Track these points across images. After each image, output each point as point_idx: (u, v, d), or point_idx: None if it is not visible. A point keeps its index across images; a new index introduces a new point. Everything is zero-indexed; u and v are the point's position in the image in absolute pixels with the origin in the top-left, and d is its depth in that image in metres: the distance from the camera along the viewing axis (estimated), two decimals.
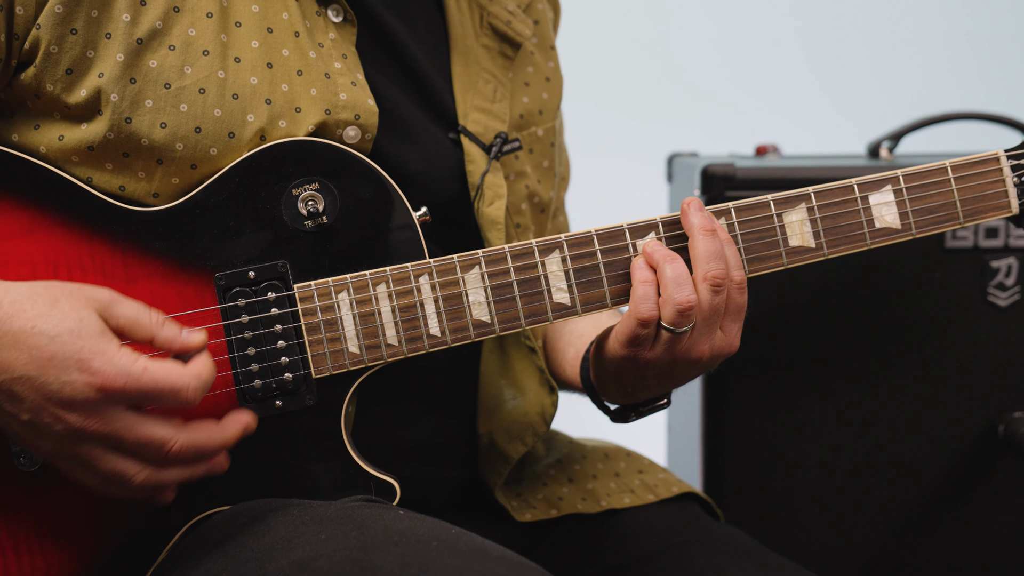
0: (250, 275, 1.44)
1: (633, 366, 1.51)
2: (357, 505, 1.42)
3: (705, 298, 1.45)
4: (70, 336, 1.28)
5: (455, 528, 1.37)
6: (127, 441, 1.32)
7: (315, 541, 1.33)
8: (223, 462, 1.40)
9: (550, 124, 1.75)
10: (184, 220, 1.44)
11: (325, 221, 1.45)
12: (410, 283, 1.46)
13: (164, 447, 1.33)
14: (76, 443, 1.31)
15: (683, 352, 1.48)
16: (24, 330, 1.28)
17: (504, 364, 1.68)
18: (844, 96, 3.47)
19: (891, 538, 2.20)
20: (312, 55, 1.50)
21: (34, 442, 1.33)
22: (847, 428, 2.18)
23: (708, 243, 1.45)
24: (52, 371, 1.28)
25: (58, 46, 1.42)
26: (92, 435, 1.31)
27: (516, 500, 1.70)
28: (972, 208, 1.55)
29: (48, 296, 1.30)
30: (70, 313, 1.29)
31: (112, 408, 1.30)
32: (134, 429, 1.31)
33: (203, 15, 1.46)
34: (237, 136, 1.45)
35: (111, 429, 1.31)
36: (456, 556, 1.29)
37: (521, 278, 1.48)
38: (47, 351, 1.28)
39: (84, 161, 1.44)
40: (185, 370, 1.32)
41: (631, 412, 1.61)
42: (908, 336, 2.17)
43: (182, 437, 1.34)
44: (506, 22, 1.70)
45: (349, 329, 1.45)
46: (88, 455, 1.33)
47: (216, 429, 1.38)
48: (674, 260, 1.46)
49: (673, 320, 1.45)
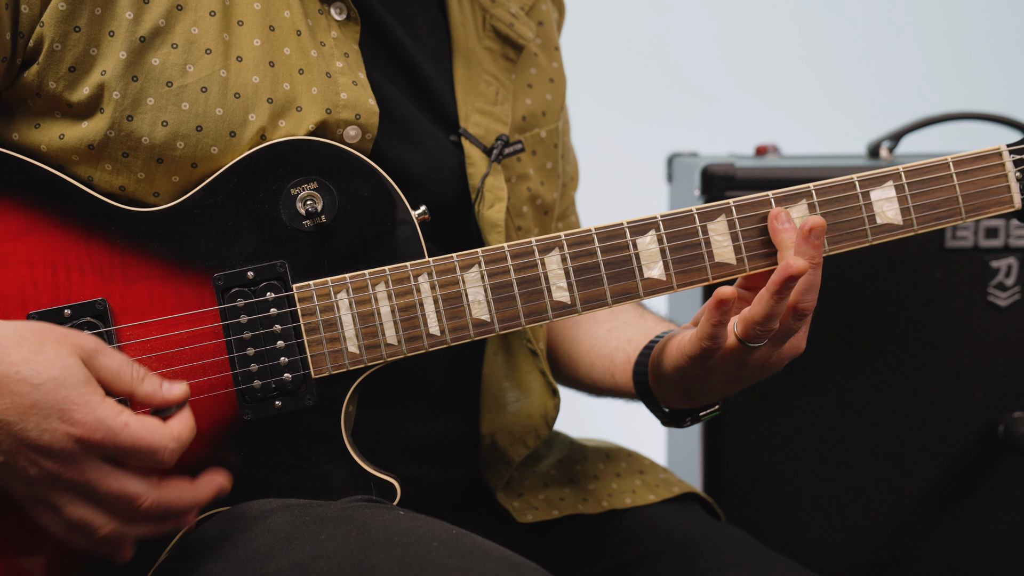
0: (249, 275, 1.43)
1: (700, 373, 1.49)
2: (357, 505, 1.41)
3: (787, 322, 1.44)
4: (54, 385, 1.26)
5: (456, 529, 1.36)
6: (99, 492, 1.30)
7: (315, 541, 1.32)
8: (191, 520, 1.38)
9: (553, 125, 1.74)
10: (182, 220, 1.43)
11: (324, 221, 1.44)
12: (409, 282, 1.45)
13: (135, 502, 1.31)
14: (48, 488, 1.29)
15: (755, 360, 1.46)
16: (7, 375, 1.26)
17: (508, 366, 1.67)
18: (844, 96, 3.46)
19: (891, 538, 2.19)
20: (313, 54, 1.49)
21: (6, 482, 1.31)
22: (847, 428, 2.18)
23: (812, 276, 1.43)
24: (33, 418, 1.26)
25: (61, 44, 1.41)
26: (65, 483, 1.29)
27: (518, 501, 1.70)
28: (974, 203, 1.53)
29: (35, 341, 1.28)
30: (55, 360, 1.27)
31: (88, 459, 1.28)
32: (107, 481, 1.29)
33: (206, 13, 1.45)
34: (238, 135, 1.44)
35: (85, 479, 1.29)
36: (457, 557, 1.28)
37: (521, 277, 1.47)
38: (30, 399, 1.26)
39: (84, 160, 1.43)
40: (165, 431, 1.30)
41: (687, 416, 1.58)
42: (908, 336, 2.17)
43: (154, 494, 1.31)
44: (508, 24, 1.69)
45: (348, 329, 1.44)
46: (58, 501, 1.30)
47: (189, 489, 1.36)
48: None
49: (748, 335, 1.43)
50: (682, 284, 1.48)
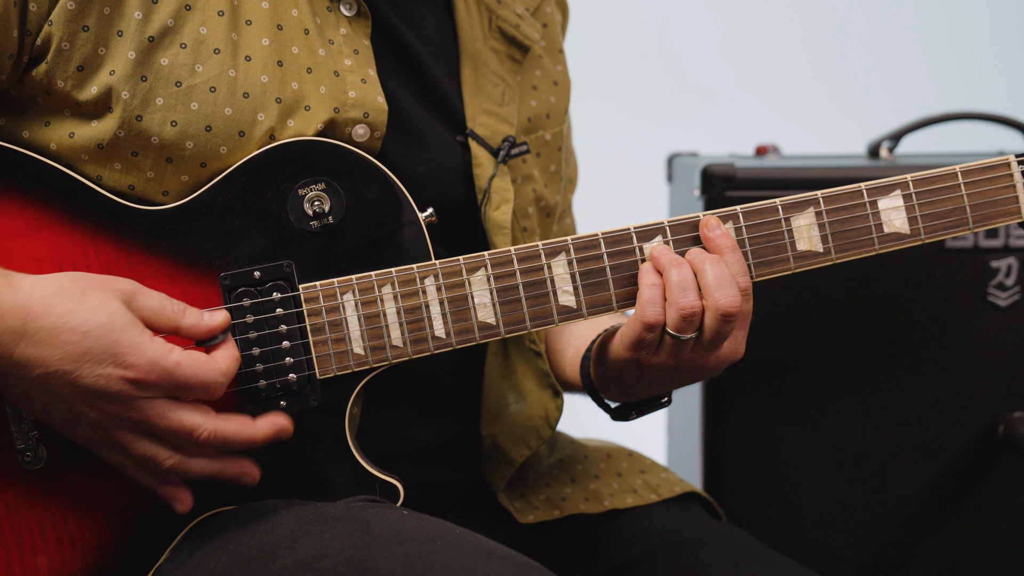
0: (255, 275, 1.42)
1: (636, 368, 1.49)
2: (361, 505, 1.40)
3: (713, 324, 1.43)
4: (102, 331, 1.29)
5: (459, 528, 1.35)
6: (159, 427, 1.33)
7: (319, 540, 1.31)
8: (253, 471, 1.41)
9: (557, 128, 1.73)
10: (190, 220, 1.42)
11: (331, 221, 1.43)
12: (415, 284, 1.44)
13: (194, 433, 1.34)
14: (112, 429, 1.34)
15: (688, 359, 1.46)
16: (56, 326, 1.29)
17: (507, 367, 1.66)
18: (844, 96, 3.45)
19: (891, 537, 2.18)
20: (321, 52, 1.48)
21: (72, 429, 1.35)
22: (847, 428, 2.17)
23: (719, 269, 1.43)
24: (87, 366, 1.29)
25: (70, 43, 1.40)
26: (127, 422, 1.33)
27: (519, 501, 1.69)
28: (982, 214, 1.52)
29: (76, 290, 1.31)
30: (100, 307, 1.30)
31: (144, 398, 1.32)
32: (166, 416, 1.33)
33: (214, 13, 1.44)
34: (247, 135, 1.43)
35: (144, 416, 1.32)
36: (460, 556, 1.27)
37: (527, 280, 1.46)
38: (81, 347, 1.29)
39: (93, 159, 1.42)
40: (213, 365, 1.34)
41: (631, 410, 1.60)
42: (908, 336, 2.16)
43: (211, 425, 1.35)
44: (515, 25, 1.67)
45: (354, 330, 1.43)
46: (123, 440, 1.34)
47: (247, 423, 1.38)
48: (680, 265, 1.43)
49: (677, 325, 1.43)
50: None
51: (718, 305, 1.42)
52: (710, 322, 1.43)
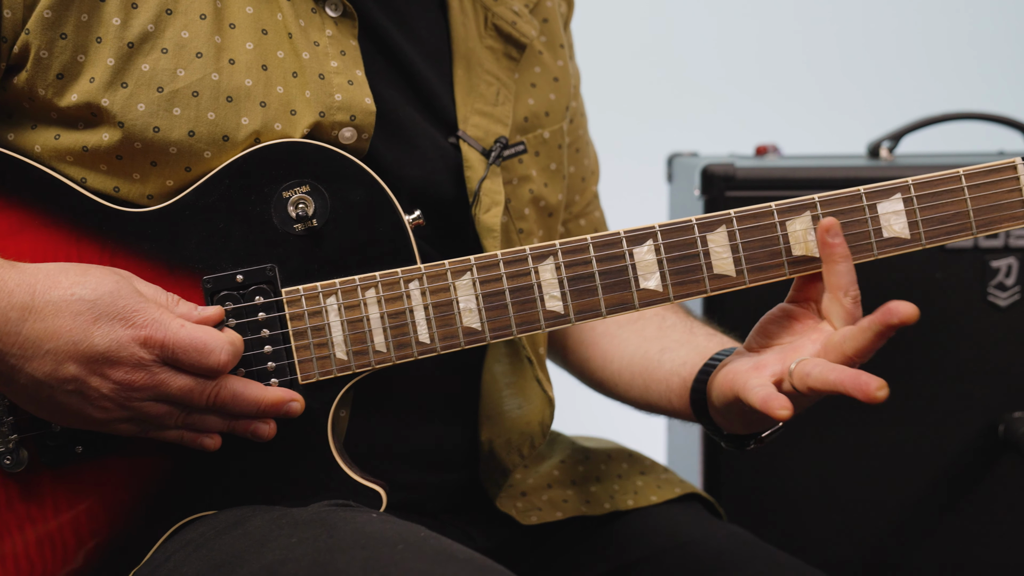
0: (238, 278, 1.40)
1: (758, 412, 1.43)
2: (331, 509, 1.38)
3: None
4: (111, 297, 1.31)
5: (425, 531, 1.33)
6: (172, 388, 1.34)
7: (286, 545, 1.30)
8: (265, 428, 1.39)
9: (557, 126, 1.69)
10: (173, 222, 1.40)
11: (315, 224, 1.41)
12: (400, 289, 1.41)
13: (206, 389, 1.35)
14: (126, 399, 1.33)
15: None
16: (63, 299, 1.30)
17: (510, 374, 1.64)
18: (844, 96, 3.43)
19: (891, 538, 2.18)
20: (306, 56, 1.45)
21: (83, 411, 1.34)
22: (847, 427, 2.16)
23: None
24: (99, 330, 1.31)
25: (48, 51, 1.38)
26: (138, 389, 1.33)
27: (521, 501, 1.66)
28: (986, 218, 1.45)
29: (78, 268, 1.34)
30: (104, 277, 1.32)
31: (155, 361, 1.33)
32: (177, 378, 1.34)
33: (196, 17, 1.41)
34: (231, 139, 1.40)
35: (156, 380, 1.33)
36: (420, 559, 1.25)
37: (514, 285, 1.42)
38: (92, 314, 1.31)
39: (78, 161, 1.40)
40: (219, 333, 1.35)
41: (750, 440, 1.53)
42: (908, 336, 2.14)
43: (220, 380, 1.36)
44: (511, 23, 1.63)
45: (337, 335, 1.40)
46: (138, 409, 1.34)
47: (256, 385, 1.38)
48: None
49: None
50: (679, 296, 1.43)
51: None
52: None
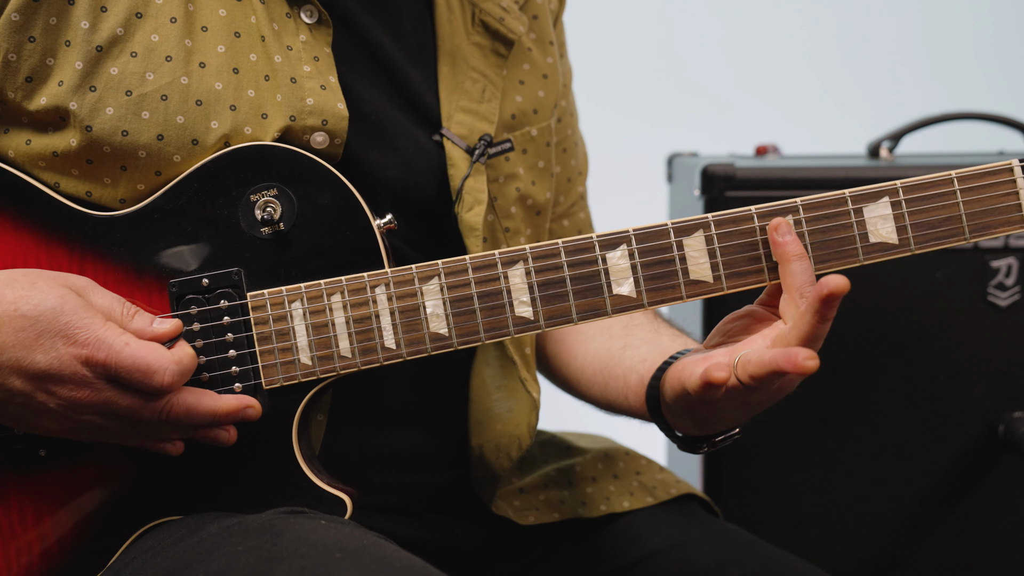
0: (204, 282, 1.39)
1: (705, 407, 1.40)
2: (283, 516, 1.36)
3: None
4: (53, 314, 1.29)
5: (369, 539, 1.31)
6: (121, 407, 1.31)
7: (231, 553, 1.29)
8: (225, 435, 1.37)
9: (545, 123, 1.66)
10: (142, 226, 1.39)
11: (282, 228, 1.39)
12: (366, 294, 1.38)
13: (157, 405, 1.32)
14: (73, 414, 1.32)
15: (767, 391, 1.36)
16: (7, 313, 1.29)
17: (500, 376, 1.62)
18: (844, 96, 3.40)
19: (891, 538, 2.15)
20: (278, 59, 1.44)
21: (35, 422, 1.34)
22: (847, 427, 2.14)
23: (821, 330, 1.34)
24: (40, 348, 1.28)
25: (16, 54, 1.38)
26: (86, 406, 1.31)
27: (519, 499, 1.65)
28: (979, 223, 1.38)
29: (26, 280, 1.31)
30: (50, 292, 1.29)
31: (99, 380, 1.30)
32: (123, 396, 1.31)
33: (167, 20, 1.40)
34: (201, 143, 1.39)
35: (103, 398, 1.31)
36: (356, 568, 1.23)
37: (482, 291, 1.39)
38: (33, 331, 1.28)
39: (51, 166, 1.40)
40: (165, 353, 1.31)
41: (703, 443, 1.48)
42: (908, 336, 2.14)
43: (171, 397, 1.33)
44: (499, 19, 1.61)
45: (301, 339, 1.39)
46: (89, 422, 1.33)
47: (210, 395, 1.35)
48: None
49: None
50: (653, 302, 1.39)
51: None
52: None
